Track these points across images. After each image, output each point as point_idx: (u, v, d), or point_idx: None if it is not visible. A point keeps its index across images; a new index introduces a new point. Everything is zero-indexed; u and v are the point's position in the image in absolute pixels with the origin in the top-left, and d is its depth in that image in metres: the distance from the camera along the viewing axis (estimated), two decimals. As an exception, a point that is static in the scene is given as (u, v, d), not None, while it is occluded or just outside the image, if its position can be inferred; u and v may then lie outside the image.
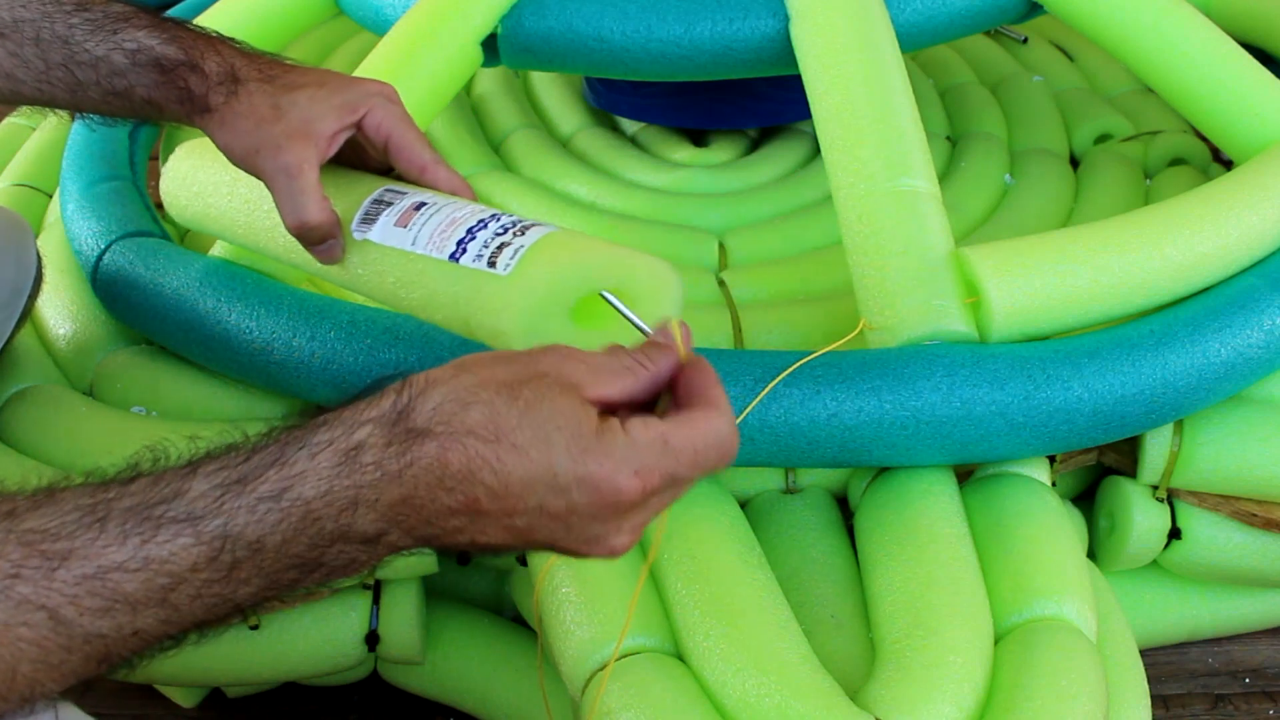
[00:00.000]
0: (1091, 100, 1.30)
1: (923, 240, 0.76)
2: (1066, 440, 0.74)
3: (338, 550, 0.41)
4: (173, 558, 0.39)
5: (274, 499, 0.40)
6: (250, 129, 0.62)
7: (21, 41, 0.64)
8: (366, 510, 0.40)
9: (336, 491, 0.40)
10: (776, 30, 0.90)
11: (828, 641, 0.67)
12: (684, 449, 0.43)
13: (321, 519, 0.40)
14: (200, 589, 0.39)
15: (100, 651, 0.38)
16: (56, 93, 0.65)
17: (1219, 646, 0.98)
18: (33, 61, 0.64)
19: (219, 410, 0.87)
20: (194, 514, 0.39)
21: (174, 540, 0.39)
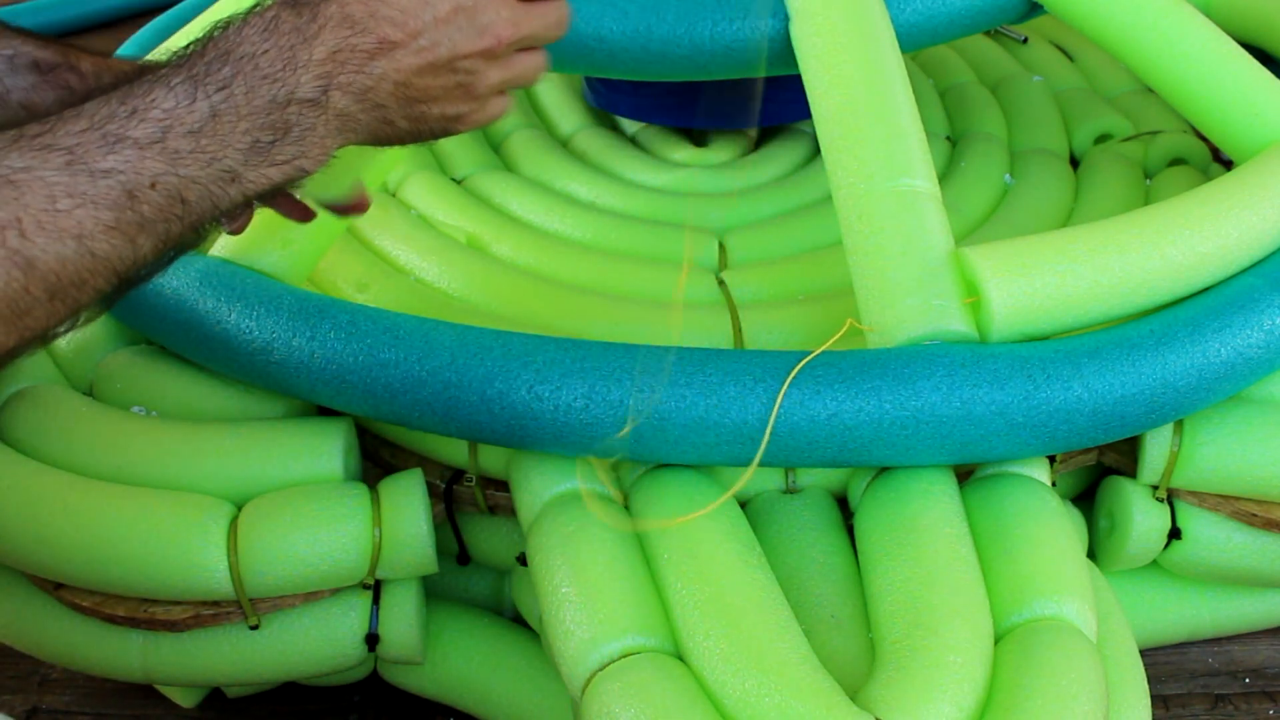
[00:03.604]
0: (1091, 100, 1.30)
1: (923, 240, 0.76)
2: (1066, 440, 0.74)
3: (296, 112, 0.47)
4: (155, 103, 0.45)
5: (221, 57, 0.46)
6: None
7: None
8: (303, 70, 0.47)
9: (271, 52, 0.47)
10: (776, 30, 0.90)
11: (828, 641, 0.67)
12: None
13: (268, 77, 0.47)
14: (192, 138, 0.45)
15: (122, 191, 0.43)
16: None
17: (1219, 646, 0.98)
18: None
19: (219, 410, 0.87)
20: (159, 76, 0.46)
21: (152, 92, 0.45)
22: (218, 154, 0.46)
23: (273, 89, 0.47)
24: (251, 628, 0.80)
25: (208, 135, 0.45)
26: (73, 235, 0.42)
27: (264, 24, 0.48)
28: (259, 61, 0.47)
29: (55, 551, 0.77)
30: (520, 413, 0.72)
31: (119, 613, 0.79)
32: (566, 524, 0.72)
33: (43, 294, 0.42)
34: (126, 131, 0.44)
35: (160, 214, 0.45)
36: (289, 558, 0.77)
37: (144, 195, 0.44)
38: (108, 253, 0.43)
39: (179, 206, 0.45)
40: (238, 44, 0.47)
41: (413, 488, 0.80)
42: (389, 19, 0.49)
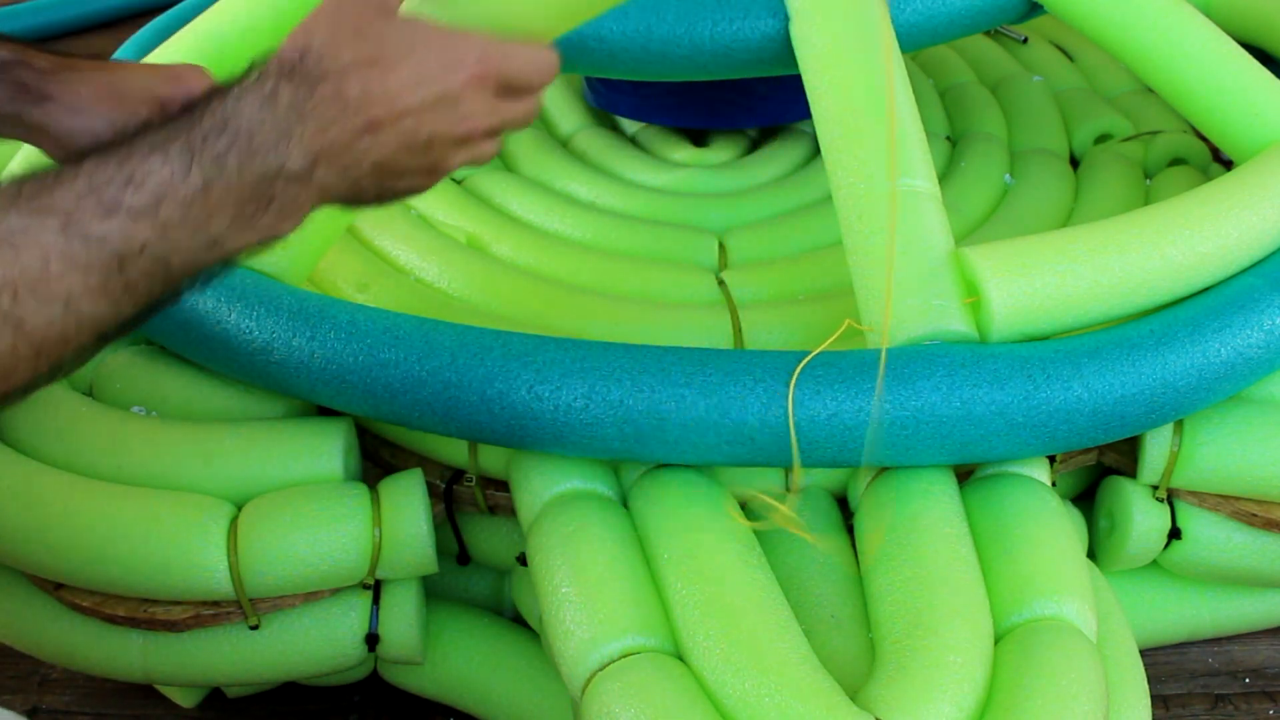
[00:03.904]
0: (1091, 100, 1.30)
1: (923, 240, 0.76)
2: (1066, 440, 0.74)
3: (283, 186, 0.49)
4: (151, 173, 0.46)
5: (218, 130, 0.48)
6: (107, 105, 0.62)
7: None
8: (295, 146, 0.49)
9: (266, 125, 0.48)
10: (776, 30, 0.90)
11: (828, 641, 0.67)
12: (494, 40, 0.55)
13: (261, 150, 0.48)
14: (183, 207, 0.46)
15: (113, 258, 0.45)
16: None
17: (1219, 646, 0.98)
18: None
19: (219, 410, 0.87)
20: (156, 143, 0.47)
21: (148, 160, 0.46)
22: (205, 223, 0.47)
23: (264, 164, 0.48)
24: (251, 628, 0.80)
25: (198, 206, 0.47)
26: (61, 299, 0.44)
27: (262, 96, 0.49)
28: (254, 136, 0.48)
29: (55, 551, 0.77)
30: (520, 413, 0.72)
31: (119, 613, 0.79)
32: (566, 524, 0.72)
33: (29, 353, 0.44)
34: (122, 199, 0.45)
35: (145, 278, 0.46)
36: (289, 558, 0.77)
37: (132, 261, 0.45)
38: (92, 313, 0.45)
39: (163, 271, 0.47)
40: (235, 115, 0.48)
41: (413, 488, 0.80)
42: (379, 99, 0.51)
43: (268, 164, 0.48)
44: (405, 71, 0.52)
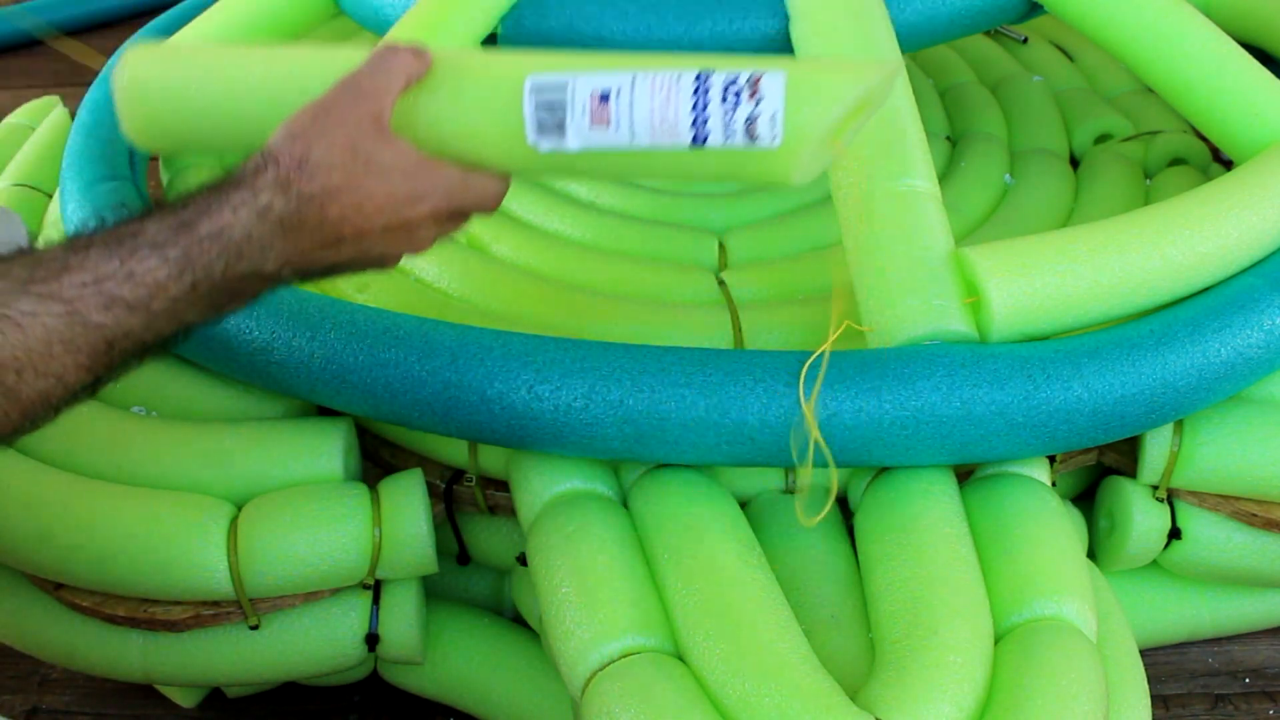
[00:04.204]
0: (1091, 100, 1.30)
1: (923, 240, 0.76)
2: (1066, 440, 0.74)
3: (253, 282, 0.56)
4: (149, 272, 0.52)
5: (213, 239, 0.53)
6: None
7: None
8: (273, 255, 0.55)
9: (254, 237, 0.54)
10: (776, 30, 0.90)
11: (828, 641, 0.67)
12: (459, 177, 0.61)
13: (245, 257, 0.54)
14: (170, 302, 0.52)
15: (104, 342, 0.50)
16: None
17: (1219, 646, 0.98)
18: None
19: (219, 410, 0.87)
20: (157, 243, 0.52)
21: (147, 260, 0.52)
22: (184, 314, 0.54)
23: (245, 267, 0.55)
24: (251, 628, 0.80)
25: (183, 301, 0.53)
26: (55, 375, 0.49)
27: (256, 210, 0.55)
28: (242, 248, 0.54)
29: (55, 551, 0.77)
30: (520, 413, 0.72)
31: (119, 613, 0.79)
32: (566, 524, 0.72)
33: (18, 416, 0.49)
34: (120, 293, 0.51)
35: (124, 356, 0.52)
36: (289, 558, 0.77)
37: (119, 345, 0.51)
38: (74, 383, 0.51)
39: (139, 349, 0.53)
40: (230, 228, 0.54)
41: (413, 488, 0.80)
42: (352, 221, 0.57)
43: (248, 269, 0.55)
44: (379, 197, 0.58)
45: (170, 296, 0.52)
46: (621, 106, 0.58)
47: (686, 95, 0.57)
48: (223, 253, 0.53)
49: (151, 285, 0.52)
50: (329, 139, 0.57)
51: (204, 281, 0.53)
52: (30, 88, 1.92)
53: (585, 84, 0.59)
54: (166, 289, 0.52)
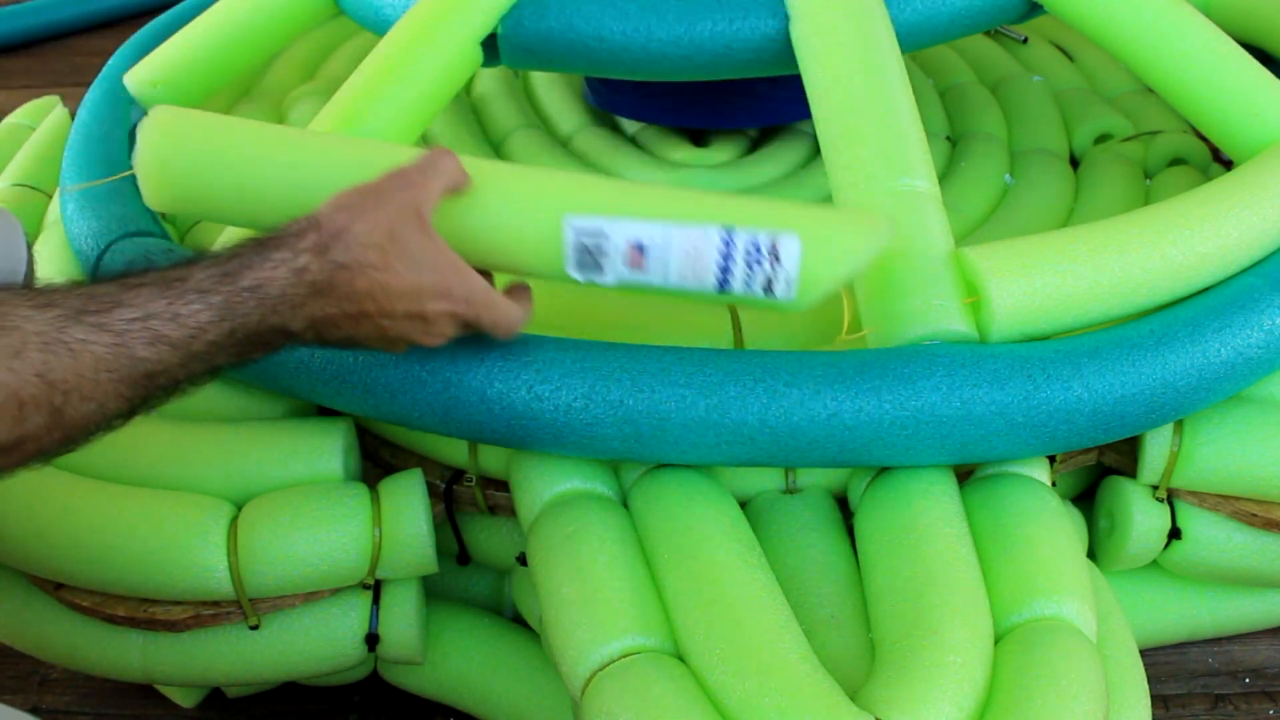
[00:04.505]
0: (1091, 100, 1.30)
1: (923, 240, 0.76)
2: (1066, 440, 0.74)
3: (280, 336, 0.59)
4: (193, 315, 0.55)
5: (252, 291, 0.57)
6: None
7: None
8: (303, 315, 0.59)
9: (288, 295, 0.58)
10: (776, 30, 0.90)
11: (828, 641, 0.67)
12: (484, 290, 0.66)
13: (278, 312, 0.58)
14: (208, 345, 0.56)
15: (145, 375, 0.54)
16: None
17: (1219, 646, 0.98)
18: None
19: (219, 410, 0.87)
20: (202, 290, 0.56)
21: (192, 304, 0.55)
22: (216, 358, 0.57)
23: (276, 322, 0.58)
24: (251, 628, 0.80)
25: (219, 345, 0.57)
26: (98, 401, 0.52)
27: (294, 270, 0.59)
28: (278, 304, 0.58)
29: (55, 551, 0.77)
30: (520, 413, 0.72)
31: (119, 613, 0.79)
32: (566, 524, 0.72)
33: (59, 436, 0.52)
34: (165, 331, 0.54)
35: (159, 392, 0.56)
36: (289, 558, 0.77)
37: (157, 380, 0.55)
38: (112, 412, 0.54)
39: (173, 385, 0.56)
40: (269, 283, 0.58)
41: (413, 488, 0.80)
42: (378, 299, 0.61)
43: (278, 323, 0.59)
44: (407, 283, 0.62)
45: (209, 340, 0.56)
46: (655, 256, 0.66)
47: (713, 253, 0.65)
48: (260, 305, 0.57)
49: (194, 328, 0.55)
50: (372, 218, 0.61)
51: (240, 329, 0.57)
52: (30, 88, 1.92)
53: (621, 232, 0.66)
54: (206, 332, 0.56)
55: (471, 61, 0.91)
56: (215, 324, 0.56)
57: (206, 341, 0.56)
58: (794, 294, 0.66)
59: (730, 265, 0.66)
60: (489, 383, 0.72)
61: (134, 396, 0.54)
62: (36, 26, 2.27)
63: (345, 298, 0.60)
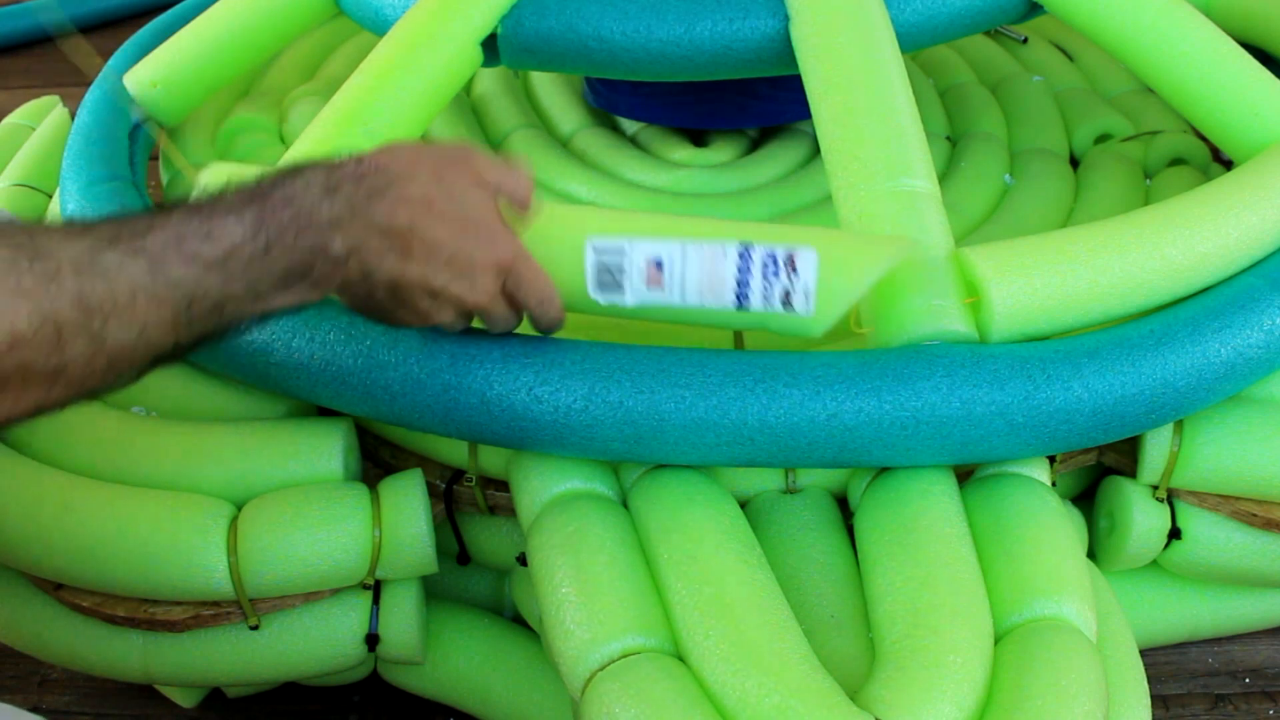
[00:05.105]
0: (1091, 100, 1.30)
1: (923, 240, 0.76)
2: (1066, 440, 0.74)
3: (320, 262, 0.57)
4: (227, 231, 0.54)
5: (285, 203, 0.56)
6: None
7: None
8: (340, 234, 0.57)
9: (323, 211, 0.57)
10: (776, 30, 0.90)
11: (828, 641, 0.67)
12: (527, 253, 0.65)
13: (314, 226, 0.57)
14: (245, 263, 0.54)
15: (185, 298, 0.53)
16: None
17: (1219, 646, 0.98)
18: None
19: (219, 410, 0.87)
20: (233, 206, 0.55)
21: (225, 219, 0.54)
22: (258, 279, 0.55)
23: (313, 240, 0.57)
24: (251, 628, 0.80)
25: (257, 263, 0.55)
26: (139, 325, 0.51)
27: (326, 188, 0.58)
28: (312, 216, 0.57)
29: (55, 551, 0.77)
30: (520, 414, 0.72)
31: (119, 613, 0.79)
32: (566, 524, 0.72)
33: (103, 366, 0.51)
34: (200, 250, 0.53)
35: (202, 318, 0.54)
36: (289, 558, 0.77)
37: (198, 303, 0.53)
38: (155, 341, 0.52)
39: (216, 315, 0.55)
40: (301, 196, 0.57)
41: (413, 488, 0.80)
42: (419, 238, 0.59)
43: (316, 241, 0.57)
44: (451, 230, 0.60)
45: (245, 257, 0.54)
46: (673, 273, 0.67)
47: (731, 267, 0.66)
48: (294, 219, 0.56)
49: (228, 244, 0.54)
50: (418, 163, 0.60)
51: (276, 245, 0.55)
52: (30, 88, 1.92)
53: (640, 250, 0.67)
54: (242, 249, 0.54)
55: (471, 61, 0.91)
56: (250, 240, 0.54)
57: (243, 260, 0.54)
58: (812, 307, 0.67)
59: (748, 279, 0.66)
60: (489, 384, 0.72)
61: (177, 323, 0.53)
62: (36, 26, 2.27)
63: (387, 228, 0.58)
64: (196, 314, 0.53)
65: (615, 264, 0.68)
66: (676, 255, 0.67)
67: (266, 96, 1.31)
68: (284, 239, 0.56)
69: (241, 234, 0.54)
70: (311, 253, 0.57)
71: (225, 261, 0.54)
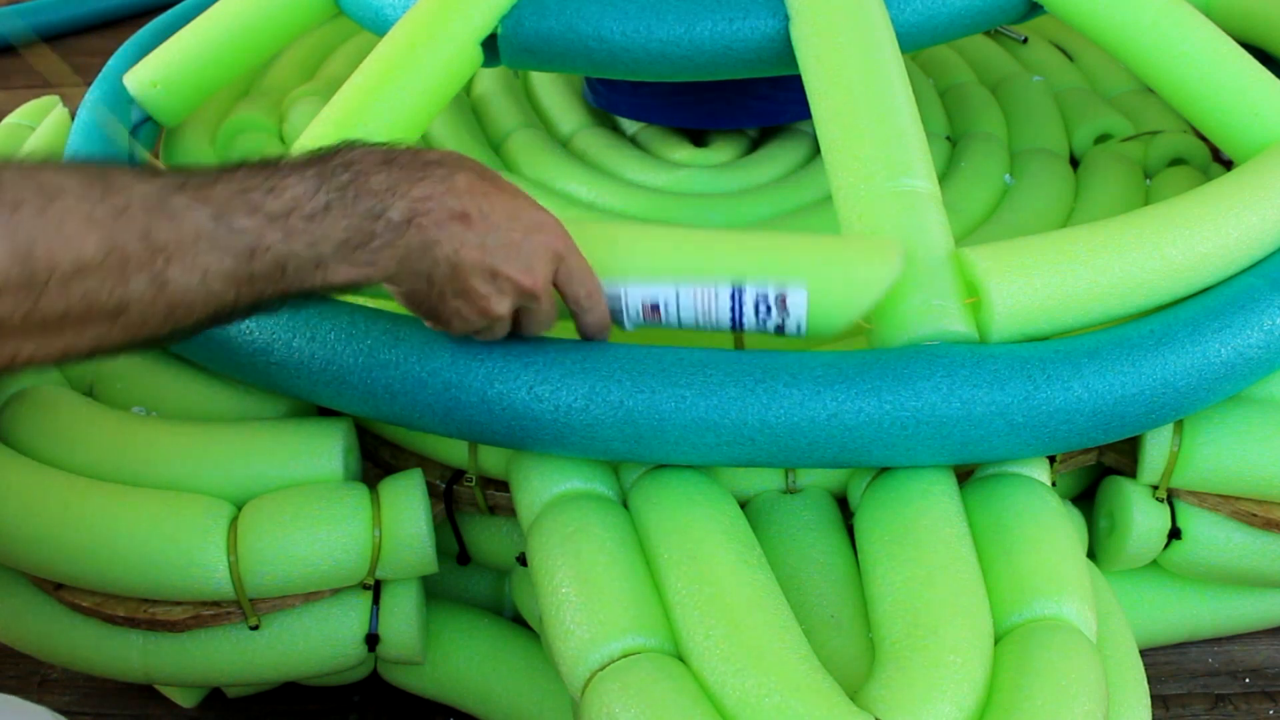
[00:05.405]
0: (1091, 100, 1.30)
1: (923, 240, 0.76)
2: (1066, 440, 0.74)
3: (382, 227, 0.58)
4: (289, 187, 0.55)
5: (345, 168, 0.57)
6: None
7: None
8: (400, 199, 0.58)
9: (381, 175, 0.58)
10: (776, 30, 0.90)
11: (828, 641, 0.67)
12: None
13: (373, 193, 0.58)
14: (306, 221, 0.55)
15: (247, 250, 0.53)
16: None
17: (1219, 646, 0.98)
18: None
19: (219, 410, 0.87)
20: (295, 166, 0.57)
21: (288, 177, 0.56)
22: (319, 240, 0.56)
23: (372, 203, 0.57)
24: (251, 628, 0.80)
25: (317, 222, 0.56)
26: (200, 272, 0.52)
27: (384, 156, 0.59)
28: (370, 178, 0.58)
29: (55, 551, 0.77)
30: (520, 413, 0.72)
31: (119, 613, 0.79)
32: (566, 524, 0.72)
33: (163, 308, 0.51)
34: (263, 204, 0.54)
35: (263, 274, 0.54)
36: (289, 558, 0.77)
37: (259, 256, 0.54)
38: (216, 292, 0.53)
39: (277, 273, 0.55)
40: (359, 160, 0.58)
41: (413, 488, 0.80)
42: (478, 210, 0.61)
43: (375, 205, 0.57)
44: (507, 210, 0.62)
45: (306, 213, 0.55)
46: (669, 311, 0.70)
47: (724, 307, 0.69)
48: (353, 180, 0.57)
49: (290, 199, 0.55)
50: (464, 159, 0.63)
51: (336, 204, 0.56)
52: (30, 88, 1.92)
53: (636, 294, 0.70)
54: (303, 205, 0.55)
55: (471, 61, 0.91)
56: (310, 196, 0.55)
57: (303, 216, 0.55)
58: (804, 333, 0.70)
59: (741, 316, 0.70)
60: (489, 384, 0.72)
61: (238, 275, 0.53)
62: (36, 27, 2.27)
63: (444, 194, 0.59)
64: (258, 268, 0.54)
65: (614, 307, 0.70)
66: (671, 298, 0.70)
67: (266, 96, 1.31)
68: (344, 200, 0.56)
69: (303, 190, 0.55)
70: (370, 216, 0.57)
71: (287, 216, 0.55)
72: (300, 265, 0.56)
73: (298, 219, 0.55)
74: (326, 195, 0.56)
